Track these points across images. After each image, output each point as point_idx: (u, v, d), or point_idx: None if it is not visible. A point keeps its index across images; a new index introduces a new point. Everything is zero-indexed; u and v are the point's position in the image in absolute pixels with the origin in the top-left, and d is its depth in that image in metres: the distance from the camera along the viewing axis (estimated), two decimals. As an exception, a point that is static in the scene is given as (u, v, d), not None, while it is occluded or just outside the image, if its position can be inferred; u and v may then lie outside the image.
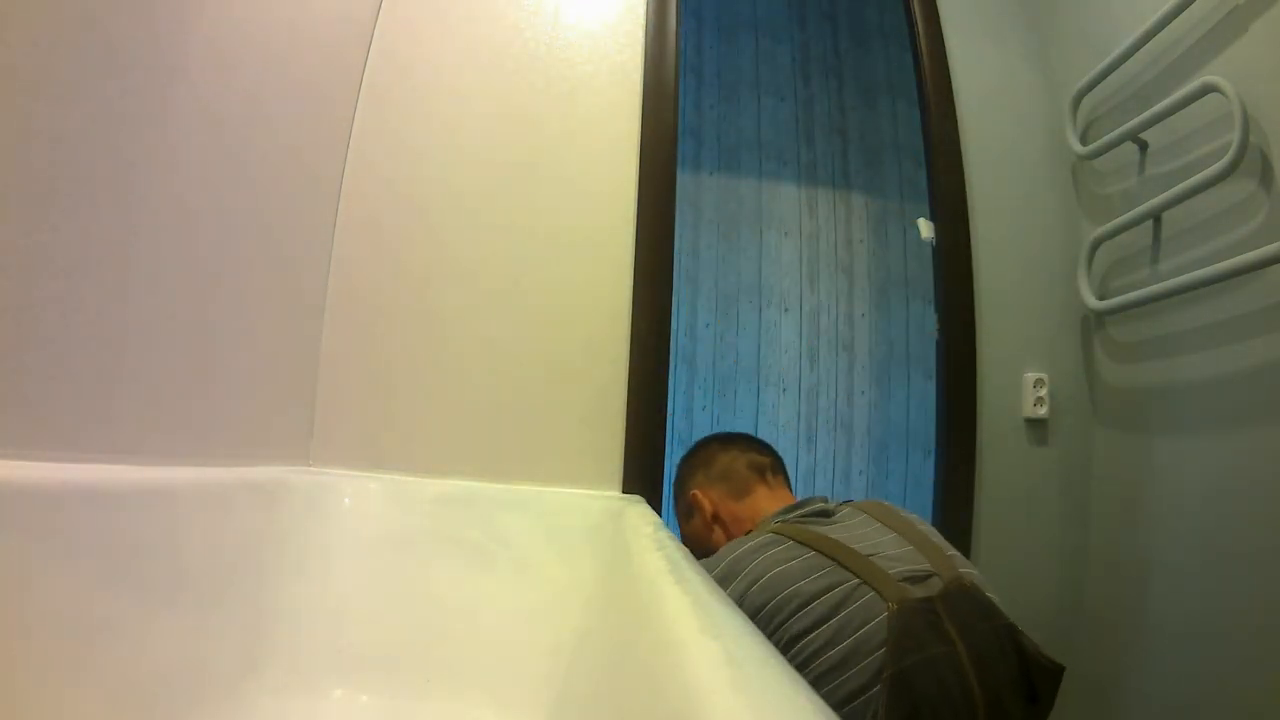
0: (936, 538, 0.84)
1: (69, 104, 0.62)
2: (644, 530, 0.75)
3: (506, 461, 1.13)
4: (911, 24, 1.54)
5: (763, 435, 2.33)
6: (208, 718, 0.67)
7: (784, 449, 2.30)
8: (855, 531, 0.83)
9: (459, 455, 1.13)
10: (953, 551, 0.82)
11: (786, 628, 0.72)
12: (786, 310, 2.40)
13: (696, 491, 1.07)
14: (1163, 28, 1.19)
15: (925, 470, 2.34)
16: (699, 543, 1.07)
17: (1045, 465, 1.37)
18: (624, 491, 1.13)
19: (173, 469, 0.73)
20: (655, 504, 1.09)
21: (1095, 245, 1.36)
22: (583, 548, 0.96)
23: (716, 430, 2.31)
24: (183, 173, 0.78)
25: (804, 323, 2.40)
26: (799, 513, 0.90)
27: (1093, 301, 1.33)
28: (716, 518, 1.05)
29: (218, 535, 0.75)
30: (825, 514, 0.89)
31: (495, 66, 1.29)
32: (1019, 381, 1.38)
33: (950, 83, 1.48)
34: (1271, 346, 1.00)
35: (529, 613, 0.92)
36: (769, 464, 1.08)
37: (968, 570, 0.78)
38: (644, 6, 1.35)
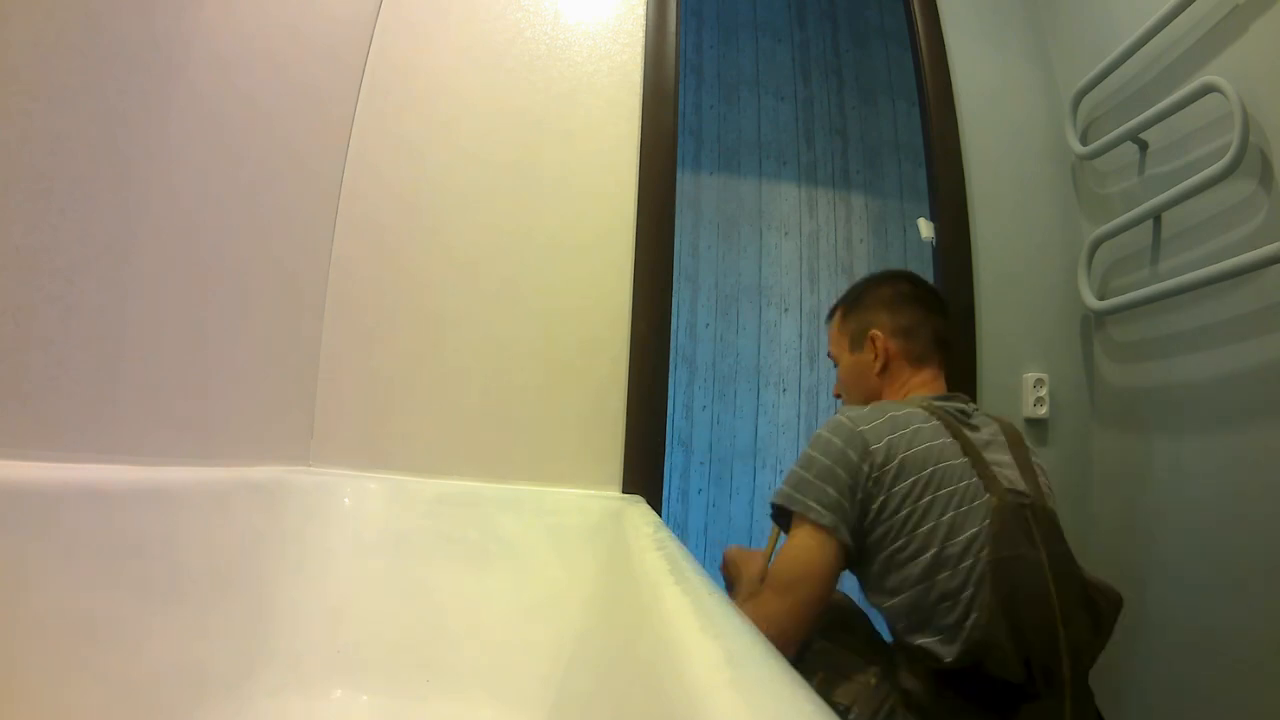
0: (1038, 469, 0.91)
1: (69, 104, 0.62)
2: (644, 530, 0.75)
3: (506, 461, 1.13)
4: (911, 24, 1.54)
5: (762, 435, 2.34)
6: (208, 718, 0.67)
7: (784, 449, 2.31)
8: (985, 438, 0.89)
9: (459, 455, 1.13)
10: (1046, 481, 0.90)
11: (905, 491, 0.80)
12: (786, 310, 2.40)
13: (878, 332, 1.01)
14: (1163, 28, 1.19)
15: (925, 470, 2.33)
16: (860, 378, 1.03)
17: (1045, 465, 1.37)
18: (624, 491, 1.13)
19: (173, 469, 0.73)
20: (655, 504, 1.09)
21: (1095, 245, 1.36)
22: (583, 548, 0.96)
23: (716, 426, 2.32)
24: (182, 173, 0.78)
25: (804, 323, 2.40)
26: (947, 404, 0.94)
27: (1093, 301, 1.33)
28: (886, 368, 1.01)
29: (217, 535, 0.75)
30: (965, 414, 0.93)
31: (495, 66, 1.29)
32: (1019, 381, 1.38)
33: (950, 83, 1.48)
34: (1271, 346, 1.00)
35: (529, 613, 0.92)
36: (945, 341, 1.04)
37: (1051, 499, 0.86)
38: (644, 6, 1.36)
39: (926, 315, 1.01)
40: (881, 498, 0.81)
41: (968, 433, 0.87)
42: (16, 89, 0.57)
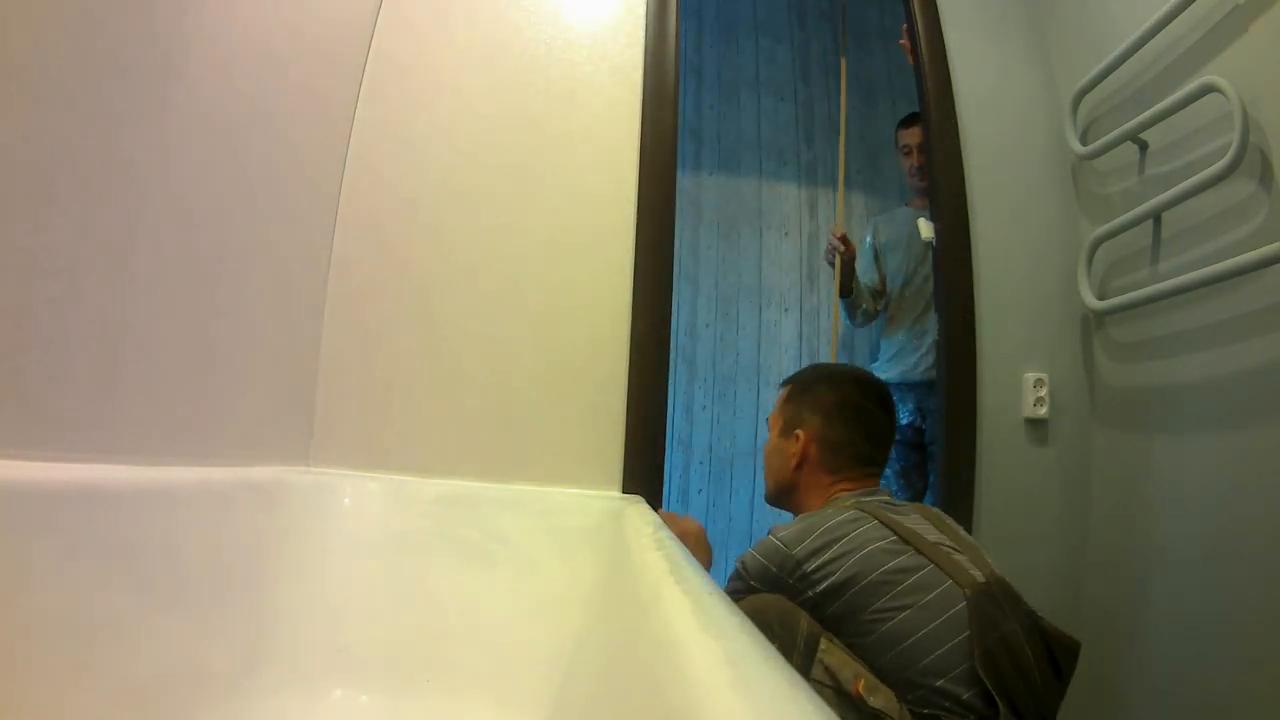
0: (972, 540, 0.96)
1: (69, 104, 0.62)
2: (644, 530, 0.75)
3: (506, 461, 1.13)
4: (911, 24, 1.54)
5: (762, 435, 2.33)
6: (208, 718, 0.67)
7: (784, 449, 2.30)
8: (919, 525, 0.92)
9: (459, 455, 1.12)
10: (976, 543, 0.95)
11: (870, 600, 0.83)
12: (786, 310, 2.40)
13: (803, 432, 1.07)
14: (1163, 28, 1.19)
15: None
16: (778, 462, 1.09)
17: (1045, 465, 1.37)
18: (624, 491, 1.13)
19: (173, 469, 0.73)
20: (655, 504, 1.09)
21: (1095, 245, 1.36)
22: (583, 548, 0.96)
23: (716, 426, 2.31)
24: (182, 173, 0.78)
25: (804, 323, 2.39)
26: (875, 499, 0.98)
27: (1093, 301, 1.33)
28: (801, 465, 1.06)
29: (217, 535, 0.75)
30: (892, 504, 0.97)
31: (495, 67, 1.29)
32: (1019, 381, 1.38)
33: (950, 83, 1.48)
34: (1271, 346, 1.00)
35: (529, 613, 0.92)
36: (870, 456, 1.09)
37: (997, 567, 0.90)
38: (644, 7, 1.35)
39: (859, 436, 1.07)
40: (829, 610, 0.85)
41: (906, 523, 0.91)
42: (16, 89, 0.57)
